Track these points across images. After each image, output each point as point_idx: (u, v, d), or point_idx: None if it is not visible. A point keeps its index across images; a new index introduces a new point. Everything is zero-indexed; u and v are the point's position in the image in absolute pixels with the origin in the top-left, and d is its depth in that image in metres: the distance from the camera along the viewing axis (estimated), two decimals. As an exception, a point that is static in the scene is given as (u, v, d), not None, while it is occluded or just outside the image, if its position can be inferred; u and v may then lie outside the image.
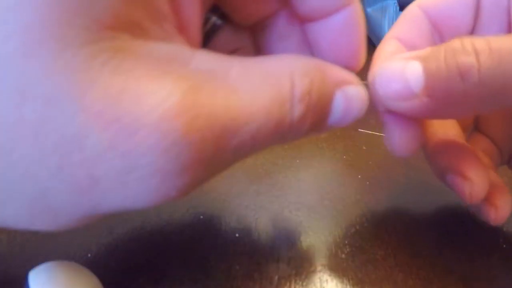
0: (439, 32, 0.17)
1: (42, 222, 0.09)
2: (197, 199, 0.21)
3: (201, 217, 0.20)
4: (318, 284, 0.16)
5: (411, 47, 0.17)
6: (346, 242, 0.18)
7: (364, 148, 0.27)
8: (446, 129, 0.18)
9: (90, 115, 0.08)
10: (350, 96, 0.13)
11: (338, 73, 0.13)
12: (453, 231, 0.19)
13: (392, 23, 0.55)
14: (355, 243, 0.18)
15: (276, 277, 0.16)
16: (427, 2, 0.17)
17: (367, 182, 0.23)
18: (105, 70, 0.08)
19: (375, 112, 0.15)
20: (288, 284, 0.16)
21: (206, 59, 0.10)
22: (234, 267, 0.17)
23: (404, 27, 0.18)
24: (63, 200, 0.09)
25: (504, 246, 0.18)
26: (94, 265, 0.17)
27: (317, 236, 0.18)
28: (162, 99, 0.08)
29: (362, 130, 0.30)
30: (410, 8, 0.18)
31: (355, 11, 0.13)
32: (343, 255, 0.17)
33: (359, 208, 0.21)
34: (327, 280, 0.16)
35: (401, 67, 0.13)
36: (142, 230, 0.19)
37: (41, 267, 0.13)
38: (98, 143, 0.08)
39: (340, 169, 0.25)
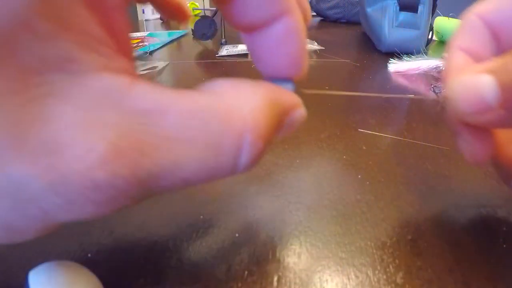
0: (497, 40, 0.18)
1: (16, 239, 0.11)
2: (197, 199, 0.21)
3: (201, 217, 0.20)
4: (318, 284, 0.16)
5: (475, 57, 0.17)
6: (346, 242, 0.18)
7: (364, 148, 0.27)
8: (509, 134, 0.19)
9: (28, 165, 0.09)
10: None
11: (289, 99, 0.13)
12: (453, 231, 0.19)
13: (392, 23, 0.55)
14: (355, 243, 0.18)
15: (276, 277, 0.16)
16: (484, 10, 0.18)
17: (367, 182, 0.23)
18: (37, 121, 0.09)
19: (374, 112, 0.16)
20: (288, 284, 0.16)
21: (144, 96, 0.10)
22: (234, 267, 0.17)
23: (466, 36, 0.18)
24: (26, 226, 0.10)
25: (504, 246, 0.18)
26: (94, 265, 0.17)
27: (317, 236, 0.19)
28: (87, 151, 0.09)
29: (362, 130, 0.30)
30: (469, 17, 0.18)
31: (294, 21, 0.13)
32: (343, 255, 0.17)
33: (359, 208, 0.21)
34: (327, 280, 0.16)
35: (475, 82, 0.14)
36: (142, 230, 0.19)
37: (41, 267, 0.13)
38: (39, 187, 0.09)
39: (340, 169, 0.25)
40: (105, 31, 0.10)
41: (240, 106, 0.10)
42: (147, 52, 0.57)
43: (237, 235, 0.19)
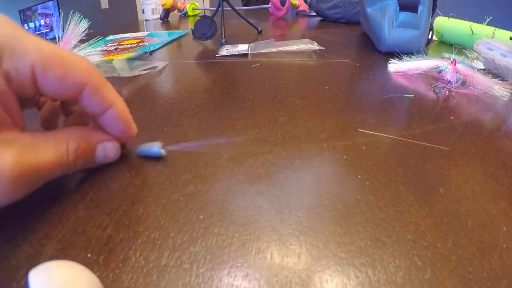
0: None
1: None
2: (197, 199, 0.21)
3: (201, 216, 0.20)
4: (318, 284, 0.16)
5: None
6: (346, 242, 0.18)
7: (364, 148, 0.27)
8: None
9: None
10: (106, 147, 0.24)
11: (100, 136, 0.23)
12: (452, 231, 0.19)
13: (392, 23, 0.55)
14: (355, 243, 0.18)
15: (276, 278, 0.16)
16: None
17: (367, 182, 0.23)
18: None
19: (374, 112, 0.15)
20: (288, 284, 0.16)
21: (28, 137, 0.19)
22: (234, 267, 0.17)
23: None
24: None
25: (504, 246, 0.18)
26: (94, 265, 0.17)
27: (317, 236, 0.19)
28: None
29: (362, 130, 0.30)
30: None
31: (116, 110, 0.23)
32: (343, 255, 0.17)
33: (359, 208, 0.21)
34: (327, 280, 0.16)
35: None
36: (141, 231, 0.19)
37: (41, 267, 0.13)
38: None
39: (340, 169, 0.25)
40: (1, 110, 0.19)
41: (66, 134, 0.22)
42: (147, 52, 0.57)
43: (237, 234, 0.19)
